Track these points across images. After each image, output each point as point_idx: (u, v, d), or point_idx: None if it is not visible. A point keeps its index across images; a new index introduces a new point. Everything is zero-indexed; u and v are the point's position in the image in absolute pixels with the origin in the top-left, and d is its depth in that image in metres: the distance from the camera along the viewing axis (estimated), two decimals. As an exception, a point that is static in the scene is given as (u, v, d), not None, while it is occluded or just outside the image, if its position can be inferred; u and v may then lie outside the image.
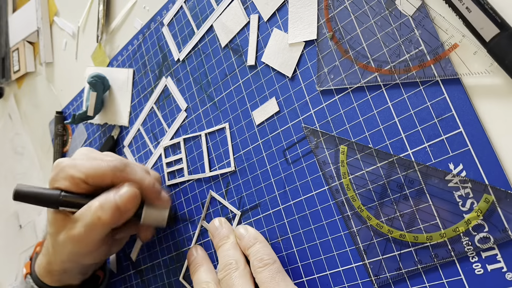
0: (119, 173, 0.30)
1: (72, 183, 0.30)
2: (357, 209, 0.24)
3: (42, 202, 0.30)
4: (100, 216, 0.28)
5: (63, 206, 0.30)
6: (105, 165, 0.30)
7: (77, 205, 0.30)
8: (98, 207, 0.28)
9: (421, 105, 0.22)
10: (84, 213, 0.29)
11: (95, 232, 0.29)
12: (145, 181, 0.31)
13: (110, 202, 0.29)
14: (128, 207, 0.29)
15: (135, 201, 0.29)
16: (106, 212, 0.28)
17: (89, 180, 0.30)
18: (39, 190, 0.30)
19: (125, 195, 0.29)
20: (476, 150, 0.20)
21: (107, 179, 0.30)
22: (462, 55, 0.21)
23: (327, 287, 0.26)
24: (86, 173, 0.29)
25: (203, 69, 0.33)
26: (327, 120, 0.26)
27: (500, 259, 0.20)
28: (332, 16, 0.26)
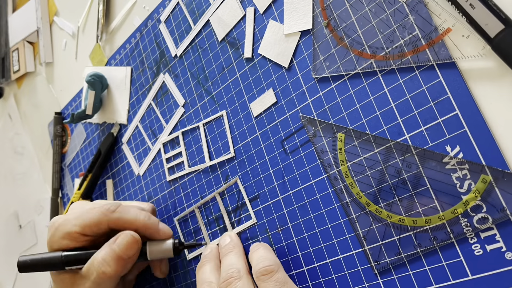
0: (112, 215, 0.30)
1: (71, 240, 0.30)
2: (355, 195, 0.24)
3: (47, 267, 0.30)
4: (104, 270, 0.28)
5: (68, 264, 0.30)
6: (97, 211, 0.30)
7: (81, 261, 0.30)
8: (101, 262, 0.29)
9: (417, 89, 0.22)
10: (90, 270, 0.29)
11: (105, 284, 0.29)
12: (140, 218, 0.31)
13: (111, 254, 0.29)
14: (130, 253, 0.29)
15: (135, 245, 0.29)
16: (110, 265, 0.28)
17: (87, 231, 0.30)
18: (41, 256, 0.30)
19: (123, 242, 0.29)
20: (472, 132, 0.20)
21: (103, 225, 0.30)
22: (455, 39, 0.21)
23: (327, 275, 0.26)
24: (81, 225, 0.30)
25: (201, 63, 0.34)
26: (324, 109, 0.26)
27: (499, 239, 0.20)
28: (327, 5, 0.26)
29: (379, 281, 0.23)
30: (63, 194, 0.50)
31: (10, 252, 0.58)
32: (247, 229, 0.30)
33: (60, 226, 0.30)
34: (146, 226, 0.31)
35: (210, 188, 0.33)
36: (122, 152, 0.41)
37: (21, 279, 0.56)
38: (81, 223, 0.30)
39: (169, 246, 0.31)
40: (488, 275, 0.20)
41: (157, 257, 0.31)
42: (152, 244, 0.31)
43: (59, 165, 0.49)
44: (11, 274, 0.57)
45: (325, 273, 0.26)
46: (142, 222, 0.30)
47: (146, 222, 0.31)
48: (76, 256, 0.30)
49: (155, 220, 0.32)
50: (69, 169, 0.49)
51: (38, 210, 0.54)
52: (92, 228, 0.30)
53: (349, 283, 0.25)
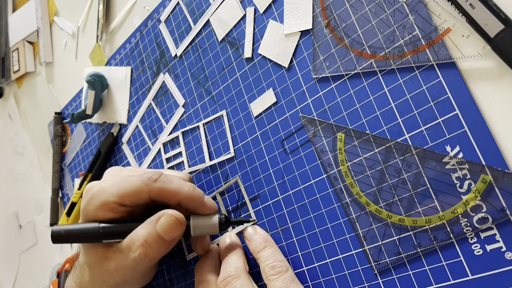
0: (154, 184, 0.27)
1: (108, 210, 0.27)
2: (355, 195, 0.24)
3: (83, 239, 0.28)
4: (146, 252, 0.26)
5: (106, 238, 0.27)
6: (137, 180, 0.27)
7: (119, 234, 0.27)
8: (143, 243, 0.26)
9: (417, 89, 0.22)
10: (130, 247, 0.27)
11: (143, 265, 0.27)
12: (184, 189, 0.27)
13: (153, 236, 0.26)
14: (173, 236, 0.27)
15: (179, 227, 0.27)
16: (152, 247, 0.26)
17: (125, 201, 0.27)
18: (77, 227, 0.28)
19: (168, 223, 0.26)
20: (472, 131, 0.20)
21: (144, 195, 0.27)
22: (455, 39, 0.21)
23: (327, 275, 0.26)
24: (119, 195, 0.27)
25: (201, 63, 0.34)
26: (324, 109, 0.26)
27: (499, 239, 0.20)
28: (327, 5, 0.26)
29: (379, 281, 0.23)
30: (63, 194, 0.50)
31: (10, 252, 0.58)
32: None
33: (95, 194, 0.27)
34: (190, 198, 0.28)
35: (210, 188, 0.33)
36: (122, 152, 0.41)
37: (21, 279, 0.56)
38: (119, 193, 0.27)
39: (215, 222, 0.28)
40: (488, 275, 0.20)
41: (201, 233, 0.28)
42: (196, 218, 0.28)
43: (59, 165, 0.49)
44: (11, 274, 0.57)
45: (325, 273, 0.26)
46: (187, 193, 0.27)
47: (191, 194, 0.28)
48: (115, 229, 0.27)
49: (200, 192, 0.28)
50: (69, 169, 0.49)
51: (38, 210, 0.54)
52: (131, 198, 0.27)
53: (349, 283, 0.25)
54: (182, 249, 0.35)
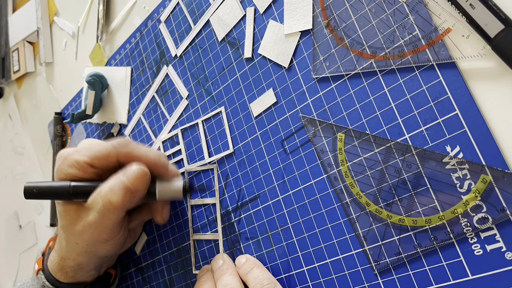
0: (123, 149, 0.29)
1: (79, 169, 0.29)
2: (355, 195, 0.24)
3: (53, 195, 0.29)
4: (110, 199, 0.27)
5: (75, 195, 0.29)
6: (107, 144, 0.29)
7: (88, 192, 0.29)
8: (108, 191, 0.28)
9: (417, 89, 0.22)
10: (95, 199, 0.28)
11: (109, 216, 0.28)
12: (150, 155, 0.30)
13: (119, 184, 0.28)
14: (138, 185, 0.28)
15: (144, 178, 0.28)
16: (117, 195, 0.27)
17: (95, 163, 0.29)
18: (48, 184, 0.29)
19: (133, 174, 0.28)
20: (472, 132, 0.20)
21: (112, 158, 0.29)
22: (455, 39, 0.21)
23: (327, 275, 0.26)
24: (91, 156, 0.29)
25: (201, 63, 0.34)
26: (324, 109, 0.26)
27: (499, 239, 0.20)
28: (327, 5, 0.26)
29: (379, 281, 0.23)
30: (63, 194, 0.49)
31: (10, 252, 0.58)
32: (247, 229, 0.30)
33: (69, 155, 0.29)
34: (156, 163, 0.30)
35: (211, 188, 0.33)
36: (122, 152, 0.41)
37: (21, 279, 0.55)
38: (91, 154, 0.29)
39: (179, 186, 0.30)
40: (488, 275, 0.20)
41: (165, 197, 0.30)
42: (161, 183, 0.30)
43: (59, 165, 0.49)
44: (11, 274, 0.57)
45: (325, 273, 0.26)
46: (153, 158, 0.29)
47: (156, 160, 0.30)
48: (84, 187, 0.29)
49: (166, 160, 0.31)
50: (69, 169, 0.49)
51: (38, 210, 0.54)
52: (101, 160, 0.29)
53: (349, 283, 0.25)
54: (182, 248, 0.35)
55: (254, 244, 0.30)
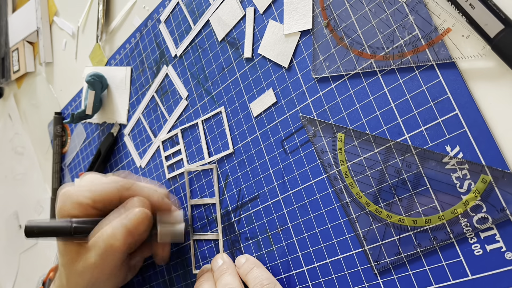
0: (126, 192, 0.29)
1: (81, 210, 0.29)
2: (355, 195, 0.24)
3: (55, 234, 0.29)
4: (113, 243, 0.28)
5: (76, 235, 0.29)
6: (111, 187, 0.29)
7: (90, 230, 0.29)
8: (110, 235, 0.28)
9: (416, 89, 0.22)
10: (98, 241, 0.28)
11: (110, 259, 0.28)
12: (153, 197, 0.30)
13: (121, 228, 0.28)
14: (140, 229, 0.28)
15: (146, 222, 0.29)
16: (119, 239, 0.28)
17: (98, 205, 0.29)
18: (50, 223, 0.29)
19: (135, 217, 0.28)
20: (472, 132, 0.20)
21: (115, 201, 0.29)
22: (455, 39, 0.21)
23: (327, 275, 0.26)
24: (93, 198, 0.29)
25: (200, 63, 0.34)
26: (324, 109, 0.26)
27: (499, 239, 0.20)
28: (327, 5, 0.26)
29: (379, 281, 0.23)
30: (63, 194, 0.49)
31: (10, 252, 0.58)
32: (247, 229, 0.30)
33: (72, 195, 0.29)
34: (160, 206, 0.30)
35: (211, 188, 0.33)
36: (122, 152, 0.41)
37: (21, 279, 0.56)
38: (94, 196, 0.29)
39: (181, 230, 0.30)
40: (488, 275, 0.20)
41: (167, 240, 0.30)
42: (163, 225, 0.30)
43: (59, 165, 0.49)
44: (11, 274, 0.57)
45: (325, 273, 0.26)
46: (156, 201, 0.30)
47: (160, 202, 0.30)
48: (86, 227, 0.29)
49: (169, 202, 0.31)
50: (69, 169, 0.49)
51: (38, 210, 0.54)
52: (104, 202, 0.29)
53: (349, 283, 0.25)
54: (182, 248, 0.35)
55: (254, 244, 0.30)
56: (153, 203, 0.30)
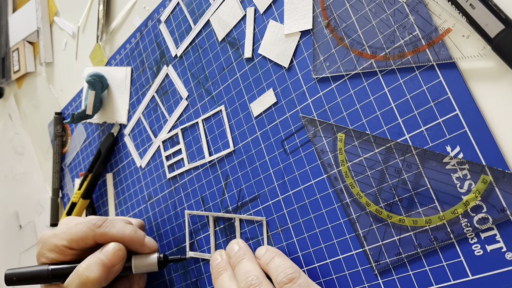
0: (98, 229, 0.31)
1: (58, 253, 0.31)
2: (356, 196, 0.24)
3: (34, 280, 0.31)
4: (88, 275, 0.29)
5: (54, 278, 0.30)
6: (83, 226, 0.31)
7: (67, 274, 0.30)
8: (85, 268, 0.29)
9: (417, 89, 0.22)
10: (73, 278, 0.29)
11: None
12: (125, 232, 0.31)
13: (95, 261, 0.29)
14: (114, 261, 0.30)
15: (120, 254, 0.30)
16: (93, 271, 0.29)
17: (73, 245, 0.31)
18: (28, 270, 0.31)
19: (109, 250, 0.30)
20: (472, 132, 0.20)
21: (89, 239, 0.31)
22: (455, 39, 0.21)
23: (327, 275, 0.26)
24: (68, 239, 0.31)
25: (201, 63, 0.34)
26: (325, 109, 0.26)
27: (499, 239, 0.20)
28: (327, 5, 0.26)
29: (379, 281, 0.23)
30: (63, 194, 0.50)
31: (10, 252, 0.58)
32: (247, 229, 0.30)
33: (48, 239, 0.31)
34: (131, 240, 0.31)
35: (211, 188, 0.33)
36: (122, 152, 0.41)
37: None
38: (68, 237, 0.31)
39: (154, 260, 0.32)
40: (488, 275, 0.20)
41: (142, 271, 0.32)
42: (137, 257, 0.32)
43: (59, 165, 0.49)
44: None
45: (325, 273, 0.26)
46: (128, 236, 0.31)
47: (132, 236, 0.31)
48: (62, 269, 0.30)
49: (141, 234, 0.32)
50: (69, 169, 0.49)
51: (38, 210, 0.54)
52: (78, 242, 0.31)
53: (349, 283, 0.25)
54: (182, 248, 0.35)
55: (254, 244, 0.30)
56: (126, 238, 0.31)
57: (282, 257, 0.26)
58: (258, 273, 0.25)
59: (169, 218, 0.36)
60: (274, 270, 0.25)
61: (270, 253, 0.26)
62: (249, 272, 0.25)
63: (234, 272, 0.27)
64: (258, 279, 0.24)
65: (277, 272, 0.24)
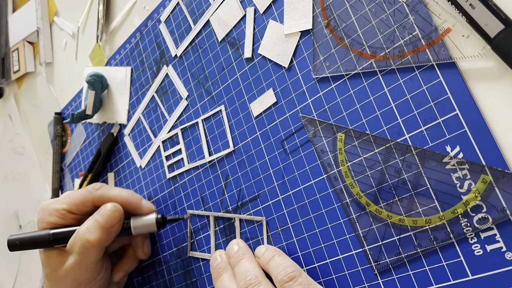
0: (96, 192, 0.32)
1: (59, 217, 0.32)
2: (355, 195, 0.24)
3: (36, 244, 0.31)
4: (88, 238, 0.30)
5: (55, 241, 0.31)
6: (82, 191, 0.32)
7: (68, 238, 0.31)
8: (85, 231, 0.30)
9: (417, 89, 0.22)
10: (74, 241, 0.30)
11: (89, 255, 0.30)
12: (123, 193, 0.32)
13: (94, 223, 0.30)
14: (112, 222, 0.31)
15: (117, 214, 0.31)
16: (93, 233, 0.30)
17: (73, 209, 0.32)
18: (30, 234, 0.31)
19: (107, 212, 0.31)
20: (472, 132, 0.20)
21: (89, 203, 0.32)
22: (455, 39, 0.21)
23: (327, 275, 0.26)
24: (68, 203, 0.32)
25: (201, 63, 0.34)
26: (324, 109, 0.26)
27: (499, 239, 0.20)
28: (327, 5, 0.26)
29: (379, 281, 0.23)
30: (63, 194, 0.50)
31: (10, 252, 0.58)
32: (247, 229, 0.30)
33: (48, 205, 0.32)
34: (128, 201, 0.32)
35: (211, 188, 0.33)
36: (122, 152, 0.41)
37: (21, 279, 0.56)
38: (68, 201, 0.32)
39: (152, 220, 0.32)
40: (488, 275, 0.20)
41: (141, 232, 0.32)
42: (135, 218, 0.32)
43: (59, 165, 0.49)
44: (11, 274, 0.57)
45: (325, 273, 0.26)
46: (125, 198, 0.32)
47: (128, 198, 0.32)
48: (63, 233, 0.31)
49: (138, 197, 0.33)
50: (69, 169, 0.49)
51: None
52: (78, 206, 0.32)
53: (349, 283, 0.25)
54: (182, 248, 0.35)
55: (254, 244, 0.30)
56: (123, 200, 0.32)
57: (282, 256, 0.26)
58: (257, 272, 0.25)
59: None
60: (275, 269, 0.25)
61: (270, 252, 0.26)
62: (248, 271, 0.25)
63: (233, 272, 0.27)
64: (257, 278, 0.24)
65: (277, 271, 0.24)
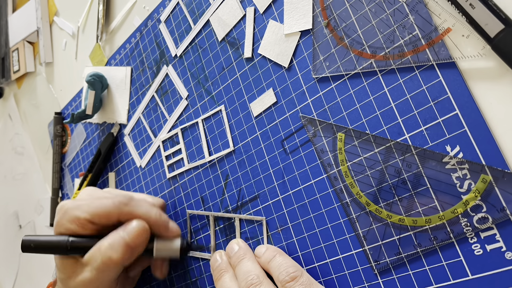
0: (124, 207, 0.29)
1: (78, 225, 0.29)
2: (355, 195, 0.24)
3: (51, 250, 0.29)
4: (110, 256, 0.28)
5: (72, 251, 0.29)
6: (109, 202, 0.29)
7: (86, 248, 0.29)
8: (108, 247, 0.28)
9: (417, 89, 0.22)
10: (94, 256, 0.28)
11: (107, 273, 0.28)
12: (151, 214, 0.30)
13: (119, 240, 0.28)
14: (138, 242, 0.28)
15: (144, 235, 0.29)
16: (117, 251, 0.28)
17: (95, 220, 0.29)
18: (46, 238, 0.29)
19: (133, 230, 0.28)
20: (472, 131, 0.20)
21: (113, 217, 0.29)
22: (455, 39, 0.21)
23: (327, 275, 0.26)
24: (91, 213, 0.29)
25: (201, 63, 0.34)
26: (324, 109, 0.26)
27: (499, 239, 0.20)
28: (327, 4, 0.26)
29: (379, 281, 0.23)
30: (63, 194, 0.50)
31: (10, 252, 0.58)
32: (247, 229, 0.30)
33: (69, 210, 0.29)
34: (156, 223, 0.30)
35: (211, 188, 0.33)
36: (122, 152, 0.41)
37: (21, 279, 0.56)
38: (92, 211, 0.29)
39: (177, 246, 0.30)
40: (488, 275, 0.20)
41: (163, 255, 0.30)
42: (160, 241, 0.30)
43: (59, 165, 0.49)
44: (11, 274, 0.57)
45: (325, 273, 0.26)
46: (154, 219, 0.30)
47: (157, 219, 0.30)
48: (82, 243, 0.29)
49: (166, 218, 0.31)
50: (69, 169, 0.49)
51: (38, 210, 0.54)
52: (101, 218, 0.29)
53: (349, 283, 0.25)
54: (182, 249, 0.35)
55: (254, 243, 0.30)
56: (151, 220, 0.30)
57: (284, 256, 0.26)
58: (258, 272, 0.25)
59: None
60: (276, 269, 0.24)
61: (270, 252, 0.26)
62: (250, 271, 0.25)
63: (234, 272, 0.27)
64: (258, 278, 0.24)
65: (279, 271, 0.24)
